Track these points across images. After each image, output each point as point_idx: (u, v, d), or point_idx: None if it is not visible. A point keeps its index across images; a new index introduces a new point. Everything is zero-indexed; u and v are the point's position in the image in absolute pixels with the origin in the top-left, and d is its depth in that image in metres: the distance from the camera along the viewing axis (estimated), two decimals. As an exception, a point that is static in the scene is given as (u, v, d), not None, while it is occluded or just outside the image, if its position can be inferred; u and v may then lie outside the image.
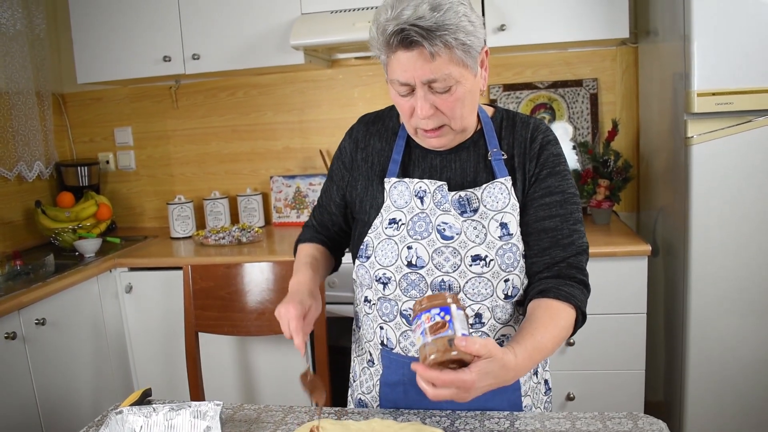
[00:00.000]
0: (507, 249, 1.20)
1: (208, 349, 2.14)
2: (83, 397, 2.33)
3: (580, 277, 1.20)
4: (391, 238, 1.23)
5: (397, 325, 1.25)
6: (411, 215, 1.23)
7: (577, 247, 1.21)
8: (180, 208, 2.86)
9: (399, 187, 1.26)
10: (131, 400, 1.29)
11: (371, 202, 1.30)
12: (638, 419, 1.13)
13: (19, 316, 2.05)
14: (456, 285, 1.19)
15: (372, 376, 1.34)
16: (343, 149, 1.37)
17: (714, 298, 2.11)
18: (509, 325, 1.24)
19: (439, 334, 0.94)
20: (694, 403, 2.19)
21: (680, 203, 2.14)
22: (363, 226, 1.31)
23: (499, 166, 1.23)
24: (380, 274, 1.24)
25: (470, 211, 1.22)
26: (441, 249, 1.20)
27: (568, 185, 1.24)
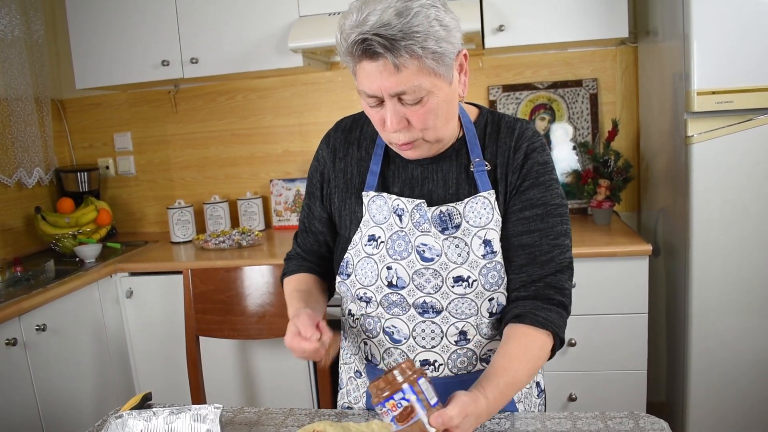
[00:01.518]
0: (491, 268, 1.14)
1: (209, 352, 2.13)
2: (84, 402, 2.32)
3: (558, 298, 1.13)
4: (371, 257, 1.18)
5: (380, 342, 1.23)
6: (390, 233, 1.18)
7: (556, 264, 1.14)
8: (180, 213, 2.85)
9: (377, 201, 1.19)
10: (131, 404, 1.29)
11: (350, 216, 1.24)
12: (640, 419, 1.13)
13: (20, 323, 2.05)
14: (438, 305, 1.16)
15: (359, 387, 1.32)
16: (320, 159, 1.29)
17: (716, 298, 2.10)
18: (495, 340, 1.21)
19: (411, 420, 0.90)
20: (696, 403, 2.18)
21: (681, 203, 2.14)
22: (344, 241, 1.25)
23: (481, 179, 1.16)
24: (361, 293, 1.20)
25: (452, 228, 1.15)
26: (421, 270, 1.15)
27: (553, 196, 1.16)
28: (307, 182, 1.33)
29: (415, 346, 1.19)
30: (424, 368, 1.19)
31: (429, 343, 1.19)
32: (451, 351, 1.19)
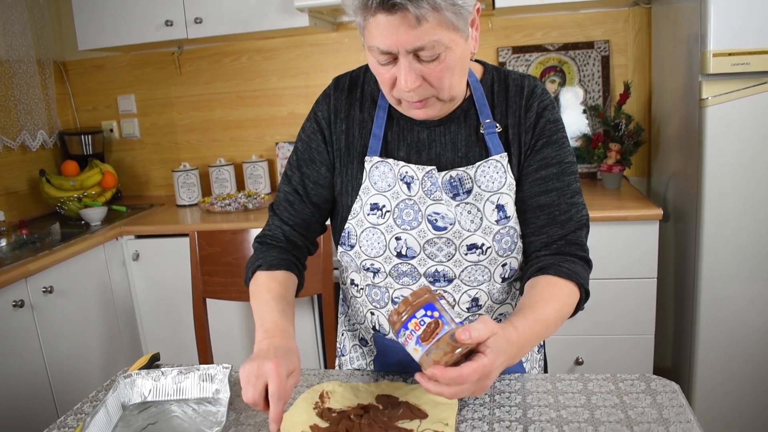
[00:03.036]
0: (504, 233, 1.11)
1: (216, 315, 2.13)
2: (93, 363, 2.34)
3: (580, 253, 1.11)
4: (376, 227, 1.13)
5: (389, 311, 1.18)
6: (396, 201, 1.12)
7: (575, 223, 1.11)
8: (185, 176, 2.83)
9: (381, 167, 1.13)
10: (140, 364, 1.29)
11: (351, 182, 1.16)
12: (651, 381, 1.12)
13: (26, 285, 2.05)
14: (451, 274, 1.13)
15: (365, 355, 1.29)
16: (320, 120, 1.19)
17: (725, 264, 2.08)
18: (506, 303, 1.20)
19: (437, 335, 0.86)
20: (703, 369, 2.18)
21: (693, 167, 2.11)
22: (344, 210, 1.18)
23: (493, 141, 1.11)
24: (368, 264, 1.16)
25: (463, 193, 1.11)
26: (433, 240, 1.11)
27: (566, 153, 1.13)
28: (302, 149, 1.21)
29: None
30: None
31: None
32: (462, 318, 1.17)
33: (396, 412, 1.02)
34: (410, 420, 1.00)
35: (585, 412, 1.02)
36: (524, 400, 1.07)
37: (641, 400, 1.05)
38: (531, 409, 1.04)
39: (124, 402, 1.15)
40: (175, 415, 1.11)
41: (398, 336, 0.90)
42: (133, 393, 1.17)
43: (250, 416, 1.08)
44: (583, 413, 1.02)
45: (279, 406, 0.91)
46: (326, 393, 1.10)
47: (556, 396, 1.08)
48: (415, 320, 0.87)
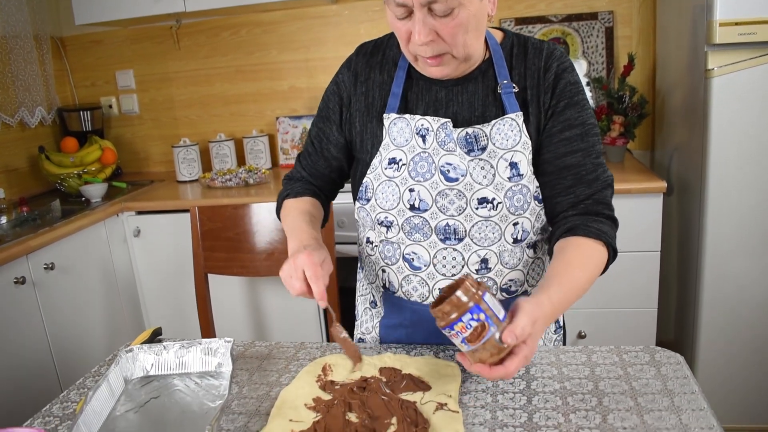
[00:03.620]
0: (517, 191, 1.12)
1: (218, 290, 2.13)
2: (95, 339, 2.34)
3: (607, 212, 1.13)
4: (392, 180, 1.15)
5: (399, 269, 1.20)
6: (412, 155, 1.14)
7: (602, 182, 1.13)
8: (185, 151, 2.81)
9: (399, 123, 1.16)
10: (142, 338, 1.28)
11: (371, 140, 1.21)
12: (655, 353, 1.11)
13: (28, 261, 2.05)
14: (462, 229, 1.13)
15: (373, 317, 1.31)
16: (340, 83, 1.25)
17: (729, 237, 2.07)
18: (517, 269, 1.19)
19: (483, 338, 0.87)
20: (706, 343, 2.18)
21: (697, 139, 2.09)
22: (363, 166, 1.22)
23: (509, 100, 1.13)
24: (382, 217, 1.18)
25: (478, 150, 1.12)
26: (445, 191, 1.12)
27: (588, 116, 1.13)
28: (322, 106, 1.29)
29: (435, 274, 1.17)
30: None
31: (449, 271, 1.16)
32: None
33: (399, 384, 1.02)
34: (413, 392, 1.00)
35: (589, 383, 1.02)
36: (528, 372, 1.07)
37: (645, 372, 1.05)
38: (535, 381, 1.04)
39: (127, 376, 1.15)
40: (178, 389, 1.11)
41: (443, 331, 0.91)
42: (135, 367, 1.17)
43: (252, 389, 1.08)
44: (587, 385, 1.01)
45: (319, 285, 1.04)
46: (329, 366, 1.10)
47: (560, 368, 1.07)
48: (462, 324, 0.88)
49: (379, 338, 1.29)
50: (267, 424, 0.95)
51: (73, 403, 1.10)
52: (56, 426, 1.03)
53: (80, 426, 0.95)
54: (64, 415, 1.06)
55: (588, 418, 0.92)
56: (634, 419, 0.91)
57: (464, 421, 0.93)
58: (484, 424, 0.92)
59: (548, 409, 0.95)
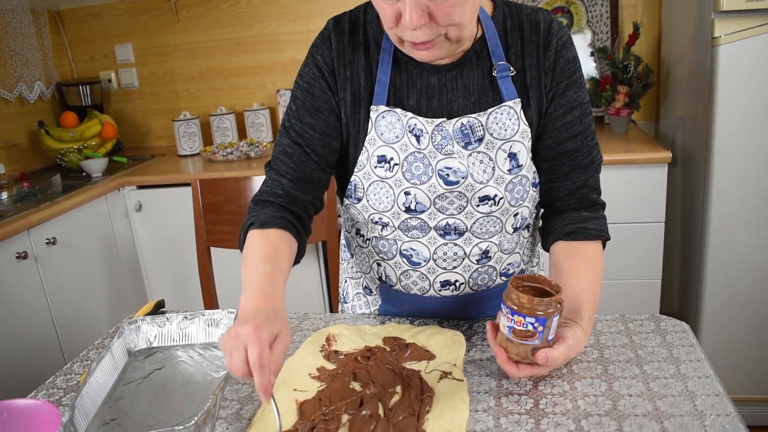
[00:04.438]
0: (516, 182, 1.07)
1: (221, 263, 2.12)
2: (98, 313, 2.35)
3: (600, 201, 1.15)
4: (384, 181, 1.06)
5: (397, 264, 1.15)
6: (405, 154, 1.05)
7: (595, 166, 1.12)
8: (186, 125, 2.79)
9: (388, 117, 1.05)
10: (145, 311, 1.28)
11: (357, 133, 1.08)
12: (660, 321, 1.11)
13: (29, 236, 2.04)
14: (462, 226, 1.09)
15: (370, 304, 1.27)
16: (321, 66, 1.07)
17: (734, 209, 2.05)
18: (515, 253, 1.17)
19: (525, 341, 0.89)
20: (710, 314, 2.17)
21: (703, 109, 2.06)
22: (351, 162, 1.10)
23: (506, 85, 1.05)
24: (375, 218, 1.11)
25: (475, 141, 1.05)
26: (444, 194, 1.06)
27: (584, 94, 1.09)
28: (302, 95, 1.10)
29: (435, 268, 1.13)
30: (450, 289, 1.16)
31: (450, 265, 1.12)
32: (472, 270, 1.14)
33: (403, 353, 1.01)
34: (418, 361, 1.00)
35: (594, 351, 1.01)
36: (533, 341, 1.06)
37: (651, 340, 1.04)
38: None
39: (130, 348, 1.14)
40: (182, 360, 1.10)
41: (503, 305, 0.91)
42: (138, 339, 1.16)
43: (256, 360, 1.08)
44: (592, 353, 1.01)
45: (264, 374, 0.78)
46: (332, 336, 1.09)
47: (565, 336, 1.07)
48: (521, 319, 0.89)
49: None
50: (271, 394, 0.95)
51: (77, 375, 1.10)
52: (60, 398, 1.03)
53: (84, 397, 0.95)
54: (67, 387, 1.06)
55: (593, 385, 0.92)
56: (640, 386, 0.91)
57: (469, 389, 0.93)
58: (489, 392, 0.92)
59: (553, 377, 0.95)
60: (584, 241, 1.09)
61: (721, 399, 0.87)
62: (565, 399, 0.89)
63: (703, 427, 0.81)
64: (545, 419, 0.84)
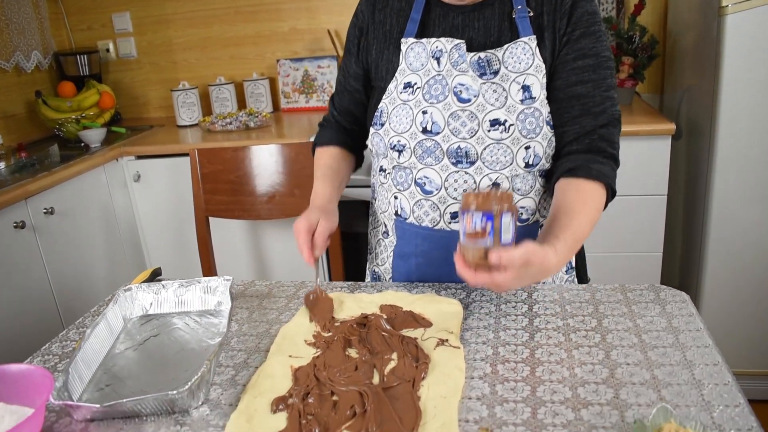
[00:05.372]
0: (529, 114, 1.11)
1: (220, 234, 2.12)
2: (98, 282, 2.34)
3: (610, 151, 1.12)
4: (406, 103, 1.16)
5: (412, 194, 1.19)
6: (427, 78, 1.15)
7: (608, 116, 1.12)
8: (185, 95, 2.76)
9: (416, 48, 1.17)
10: (141, 279, 1.27)
11: (387, 66, 1.22)
12: (660, 291, 1.10)
13: (27, 206, 2.03)
14: (473, 152, 1.12)
15: (386, 247, 1.31)
16: (359, 14, 1.28)
17: (738, 182, 2.03)
18: (529, 197, 1.18)
19: (477, 243, 0.88)
20: (710, 288, 2.16)
21: (708, 81, 2.03)
22: (379, 92, 1.23)
23: (523, 24, 1.12)
24: (395, 141, 1.18)
25: (490, 74, 1.12)
26: (457, 113, 1.12)
27: (602, 47, 1.12)
28: (346, 40, 1.32)
29: (446, 198, 1.16)
30: None
31: (460, 195, 1.16)
32: None
33: (400, 321, 1.01)
34: (414, 329, 0.99)
35: (593, 320, 1.00)
36: (530, 310, 1.05)
37: (650, 310, 1.03)
38: (537, 318, 1.02)
39: (126, 315, 1.14)
40: (177, 327, 1.10)
41: (460, 213, 0.92)
42: (134, 306, 1.16)
43: (252, 327, 1.07)
44: (590, 322, 1.00)
45: (304, 251, 1.14)
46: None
47: (563, 306, 1.06)
48: (470, 217, 0.89)
49: (392, 269, 1.29)
50: (266, 360, 0.94)
51: (72, 342, 1.09)
52: (55, 364, 1.02)
53: (78, 363, 0.94)
54: (63, 354, 1.05)
55: (591, 354, 0.91)
56: (638, 355, 0.90)
57: (465, 356, 0.92)
58: (486, 360, 0.91)
59: (551, 345, 0.94)
60: (584, 179, 1.08)
61: (719, 368, 0.86)
62: (562, 367, 0.88)
63: (701, 396, 0.80)
64: (542, 386, 0.84)
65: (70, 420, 0.86)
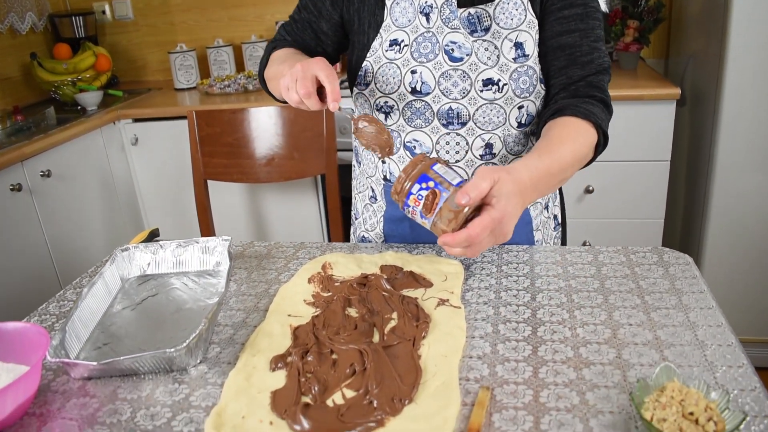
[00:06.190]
0: (522, 72, 1.08)
1: (219, 197, 2.10)
2: (95, 244, 2.34)
3: (599, 95, 1.06)
4: (393, 62, 1.11)
5: (401, 157, 1.16)
6: (415, 35, 1.10)
7: (597, 66, 1.06)
8: (182, 57, 2.72)
9: (402, 3, 1.11)
10: (139, 239, 1.26)
11: (370, 20, 1.15)
12: (663, 253, 1.08)
13: (23, 168, 2.01)
14: (465, 113, 1.09)
15: (375, 212, 1.27)
16: None
17: (742, 149, 2.00)
18: (522, 156, 1.15)
19: (437, 206, 0.83)
20: (711, 255, 2.16)
21: (715, 46, 1.99)
22: (361, 49, 1.16)
23: None
24: (381, 102, 1.13)
25: (481, 31, 1.08)
26: (449, 72, 1.08)
27: None
28: None
29: None
30: None
31: (453, 158, 1.13)
32: (475, 166, 1.13)
33: (400, 281, 0.99)
34: (415, 289, 0.98)
35: (595, 282, 0.99)
36: (532, 271, 1.04)
37: (653, 272, 1.02)
38: (539, 279, 1.01)
39: (123, 275, 1.13)
40: (175, 287, 1.09)
41: (405, 212, 0.88)
42: (131, 266, 1.14)
43: (251, 287, 1.06)
44: (593, 283, 0.99)
45: (335, 83, 0.95)
46: (329, 264, 1.07)
47: (566, 267, 1.05)
48: (413, 196, 0.85)
49: (383, 234, 1.26)
50: (265, 319, 0.93)
51: (69, 302, 1.08)
52: (52, 323, 1.01)
53: (75, 321, 0.93)
54: (60, 313, 1.04)
55: (593, 314, 0.90)
56: (641, 316, 0.89)
57: (466, 316, 0.91)
58: (487, 320, 0.90)
59: (552, 305, 0.93)
60: (571, 116, 1.01)
61: (723, 330, 0.85)
62: (564, 327, 0.87)
63: (704, 356, 0.80)
64: (543, 346, 0.83)
65: (68, 378, 0.85)
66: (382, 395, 0.73)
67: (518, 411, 0.71)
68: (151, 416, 0.76)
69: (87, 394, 0.81)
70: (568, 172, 0.97)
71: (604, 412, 0.70)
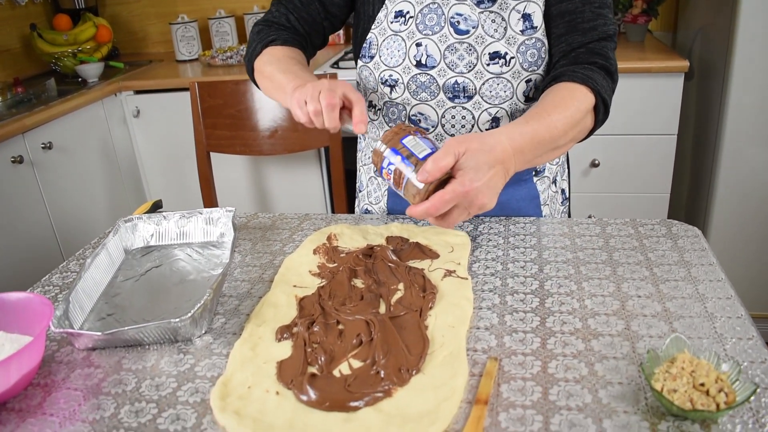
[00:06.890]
0: (530, 45, 1.04)
1: (221, 169, 2.08)
2: (98, 216, 2.33)
3: (601, 62, 0.99)
4: (398, 34, 1.08)
5: None
6: (420, 7, 1.07)
7: (600, 33, 1.01)
8: (184, 29, 2.68)
9: None
10: (142, 210, 1.25)
11: None
12: (672, 225, 1.07)
13: (24, 140, 1.99)
14: (471, 87, 1.07)
15: (380, 185, 1.26)
16: None
17: (750, 123, 1.98)
18: None
19: (403, 180, 0.82)
20: (717, 230, 2.14)
21: (724, 19, 1.96)
22: (366, 20, 1.14)
23: None
24: (386, 75, 1.11)
25: (488, 1, 1.05)
26: (454, 45, 1.06)
27: None
28: None
29: (443, 135, 1.11)
30: None
31: (458, 131, 1.11)
32: None
33: (406, 252, 0.98)
34: (421, 260, 0.97)
35: (603, 253, 0.98)
36: (540, 242, 1.03)
37: (662, 244, 1.01)
38: (547, 251, 1.00)
39: (127, 246, 1.12)
40: (179, 258, 1.08)
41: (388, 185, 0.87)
42: (135, 237, 1.13)
43: (256, 258, 1.05)
44: (601, 255, 0.98)
45: (363, 107, 0.92)
46: (334, 235, 1.06)
47: (573, 239, 1.03)
48: (385, 170, 0.84)
49: (387, 208, 1.25)
50: (270, 290, 0.92)
51: (73, 273, 1.07)
52: (56, 294, 1.01)
53: (79, 292, 0.93)
54: (63, 285, 1.03)
55: (602, 286, 0.89)
56: (649, 288, 0.88)
57: (473, 287, 0.90)
58: (494, 291, 0.89)
59: (560, 277, 0.92)
60: (568, 81, 0.97)
61: (732, 302, 0.84)
62: (572, 298, 0.86)
63: (713, 328, 0.79)
64: (551, 317, 0.82)
65: (72, 349, 0.85)
66: (390, 365, 0.72)
67: (526, 381, 0.71)
68: (156, 386, 0.75)
69: (92, 365, 0.81)
70: (562, 139, 0.92)
71: (613, 383, 0.69)
